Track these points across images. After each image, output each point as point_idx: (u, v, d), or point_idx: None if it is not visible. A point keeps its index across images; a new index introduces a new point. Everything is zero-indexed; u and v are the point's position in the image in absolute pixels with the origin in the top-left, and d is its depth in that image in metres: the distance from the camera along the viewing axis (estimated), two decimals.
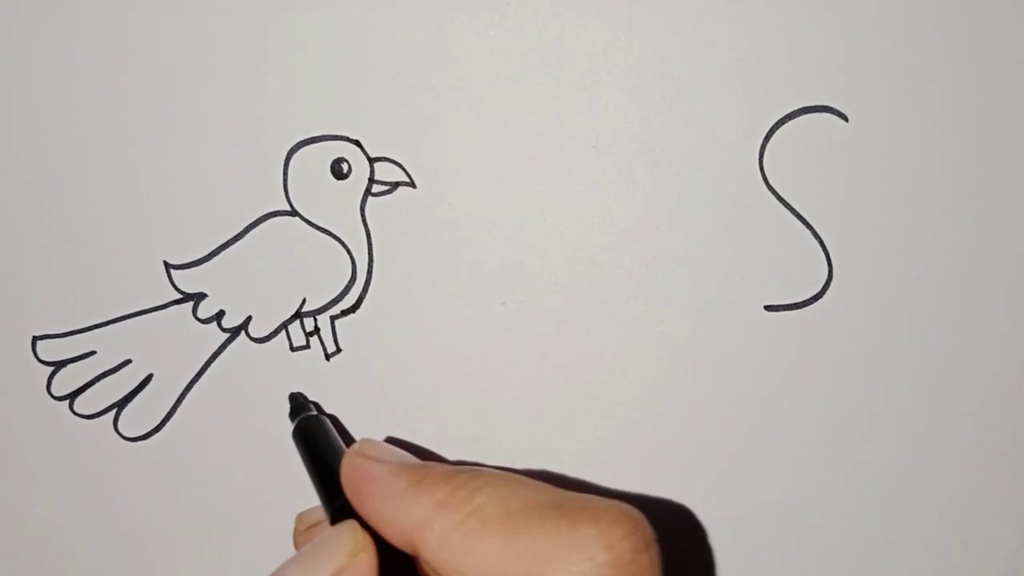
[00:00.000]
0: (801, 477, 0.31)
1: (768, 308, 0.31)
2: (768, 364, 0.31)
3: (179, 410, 0.32)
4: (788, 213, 0.30)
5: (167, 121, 0.31)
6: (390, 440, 0.32)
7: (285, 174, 0.31)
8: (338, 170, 0.31)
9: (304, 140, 0.31)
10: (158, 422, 0.32)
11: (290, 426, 0.30)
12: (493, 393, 0.32)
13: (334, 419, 0.32)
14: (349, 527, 0.24)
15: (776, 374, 0.31)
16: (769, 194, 0.30)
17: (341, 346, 0.32)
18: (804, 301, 0.31)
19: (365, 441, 0.26)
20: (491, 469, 0.23)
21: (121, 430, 0.33)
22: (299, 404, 0.31)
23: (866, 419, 0.31)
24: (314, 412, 0.31)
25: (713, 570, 0.32)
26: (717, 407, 0.31)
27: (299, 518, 0.30)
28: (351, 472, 0.25)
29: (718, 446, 0.31)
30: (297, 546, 0.29)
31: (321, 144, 0.31)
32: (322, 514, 0.27)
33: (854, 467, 0.31)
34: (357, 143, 0.31)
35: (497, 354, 0.31)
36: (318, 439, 0.29)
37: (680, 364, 0.31)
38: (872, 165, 0.30)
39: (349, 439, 0.32)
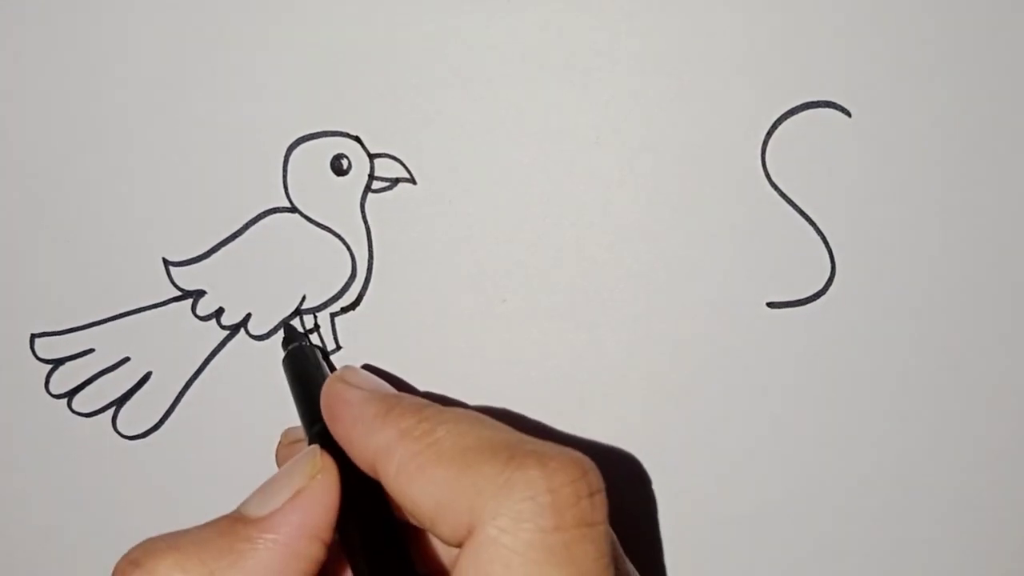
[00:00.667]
0: (802, 474, 0.31)
1: (770, 305, 0.31)
2: (770, 361, 0.31)
3: (178, 408, 0.32)
4: (790, 209, 0.30)
5: (166, 118, 0.31)
6: (369, 368, 0.31)
7: (285, 170, 0.31)
8: (338, 166, 0.31)
9: (304, 136, 0.31)
10: (157, 420, 0.32)
11: (288, 423, 0.30)
12: (493, 391, 0.31)
13: (324, 352, 0.32)
14: (311, 451, 0.24)
15: (778, 371, 0.31)
16: (771, 190, 0.30)
17: (341, 343, 0.32)
18: (807, 298, 0.31)
19: (347, 368, 0.27)
20: (459, 408, 0.24)
21: (120, 428, 0.32)
22: (292, 334, 0.31)
23: (868, 416, 0.31)
24: (305, 342, 0.31)
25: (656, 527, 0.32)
26: (719, 404, 0.31)
27: (285, 433, 0.30)
28: (329, 396, 0.25)
29: (720, 443, 0.31)
30: (277, 459, 0.30)
31: (321, 140, 0.31)
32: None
33: (855, 464, 0.31)
34: (357, 139, 0.31)
35: (498, 352, 0.31)
36: (306, 367, 0.30)
37: (682, 361, 0.31)
38: (875, 161, 0.30)
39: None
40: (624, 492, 0.31)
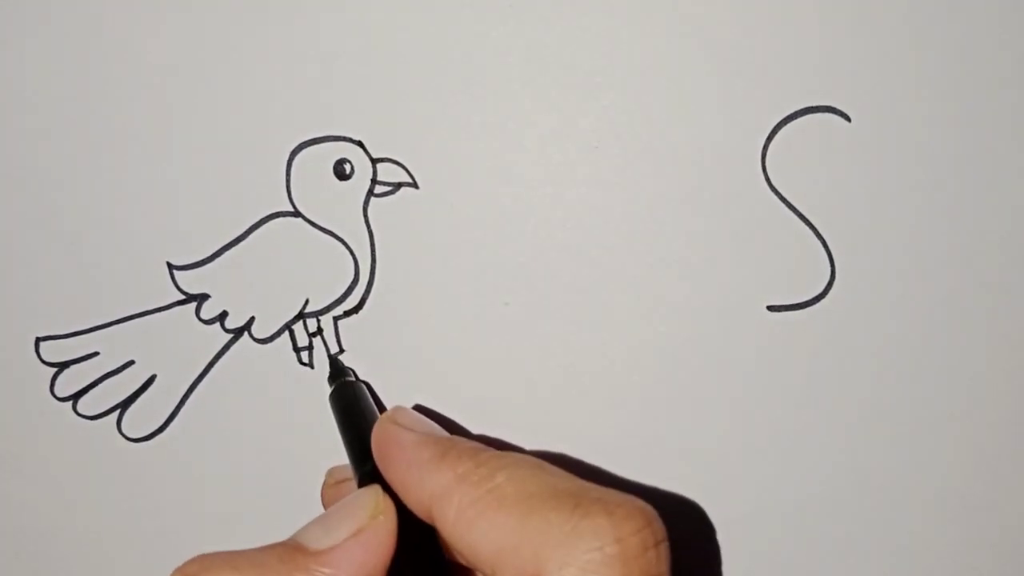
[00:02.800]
0: (805, 477, 0.32)
1: (771, 308, 0.31)
2: (771, 364, 0.31)
3: (182, 411, 0.32)
4: (790, 213, 0.30)
5: (170, 122, 0.31)
6: (420, 408, 0.32)
7: (288, 175, 0.31)
8: (341, 171, 0.31)
9: (307, 141, 0.31)
10: (161, 423, 0.32)
11: (292, 426, 0.30)
12: (496, 393, 0.32)
13: (369, 387, 0.32)
14: (373, 491, 0.24)
15: (779, 374, 0.31)
16: (771, 194, 0.30)
17: (344, 347, 0.32)
18: (806, 301, 0.31)
19: (398, 409, 0.27)
20: (516, 452, 0.24)
21: (124, 431, 0.33)
22: (338, 369, 0.31)
23: (869, 419, 0.31)
24: (352, 377, 0.31)
25: (718, 568, 0.32)
26: (720, 407, 0.31)
27: (329, 472, 0.30)
28: (381, 438, 0.25)
29: (721, 446, 0.31)
30: (323, 498, 0.30)
31: (324, 145, 0.31)
32: (351, 471, 0.27)
33: (857, 467, 0.31)
34: (360, 144, 0.31)
35: (500, 354, 0.31)
36: (353, 404, 0.29)
37: (683, 364, 0.31)
38: (874, 165, 0.30)
39: (383, 408, 0.32)
40: (685, 538, 0.31)
